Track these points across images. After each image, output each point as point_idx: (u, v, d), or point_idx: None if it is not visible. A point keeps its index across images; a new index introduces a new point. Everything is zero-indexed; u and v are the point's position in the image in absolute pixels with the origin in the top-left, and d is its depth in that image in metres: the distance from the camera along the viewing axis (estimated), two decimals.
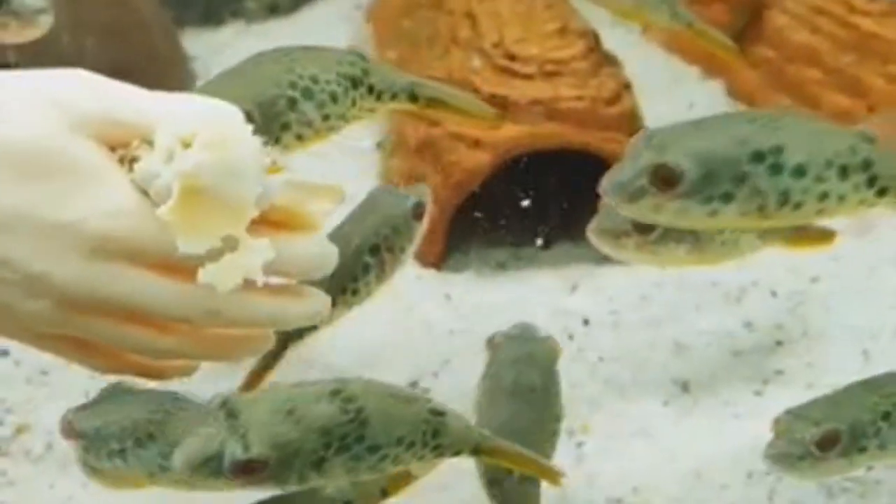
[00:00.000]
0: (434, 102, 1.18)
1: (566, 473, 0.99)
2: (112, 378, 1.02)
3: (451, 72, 1.50)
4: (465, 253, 1.46)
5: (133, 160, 0.81)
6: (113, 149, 0.82)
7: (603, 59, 1.47)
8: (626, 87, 1.46)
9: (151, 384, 1.00)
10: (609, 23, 1.76)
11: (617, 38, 1.62)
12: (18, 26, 1.03)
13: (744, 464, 1.14)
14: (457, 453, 0.96)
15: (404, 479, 1.03)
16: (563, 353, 1.12)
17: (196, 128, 0.79)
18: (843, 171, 0.89)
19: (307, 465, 0.86)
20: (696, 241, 1.05)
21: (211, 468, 0.85)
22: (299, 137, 1.08)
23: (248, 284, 0.85)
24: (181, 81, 1.84)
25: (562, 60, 1.43)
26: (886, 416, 0.96)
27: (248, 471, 0.85)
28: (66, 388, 1.21)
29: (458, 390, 1.23)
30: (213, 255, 0.77)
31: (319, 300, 0.96)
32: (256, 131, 1.00)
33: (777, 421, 0.96)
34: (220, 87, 1.04)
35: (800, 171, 0.87)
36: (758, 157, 0.86)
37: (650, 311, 1.34)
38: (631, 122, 1.45)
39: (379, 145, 1.66)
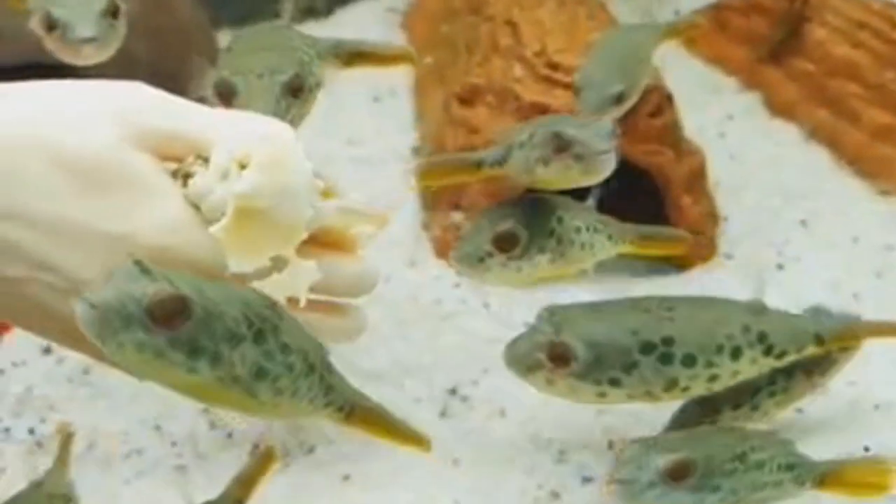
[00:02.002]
0: (355, 58, 1.17)
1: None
2: None
3: (492, 79, 1.50)
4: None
5: (187, 175, 0.82)
6: (167, 162, 0.83)
7: None
8: (668, 98, 1.46)
9: None
10: None
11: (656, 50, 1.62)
12: (67, 52, 1.02)
13: None
14: (339, 409, 0.85)
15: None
16: None
17: (252, 148, 0.81)
18: (737, 352, 0.96)
19: (226, 336, 0.72)
20: (557, 247, 1.06)
21: (125, 315, 0.69)
22: (314, 100, 1.08)
23: (292, 302, 0.87)
24: None
25: None
26: (742, 457, 0.92)
27: (169, 314, 0.69)
28: (108, 388, 1.22)
29: (498, 399, 1.24)
30: (262, 274, 0.78)
31: (359, 318, 0.98)
32: (301, 94, 1.01)
33: (623, 449, 0.92)
34: (251, 61, 1.03)
35: (689, 361, 0.94)
36: (648, 347, 0.93)
37: None
38: (673, 134, 1.45)
39: (416, 150, 1.66)
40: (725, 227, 1.49)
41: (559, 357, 0.91)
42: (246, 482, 1.02)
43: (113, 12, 1.02)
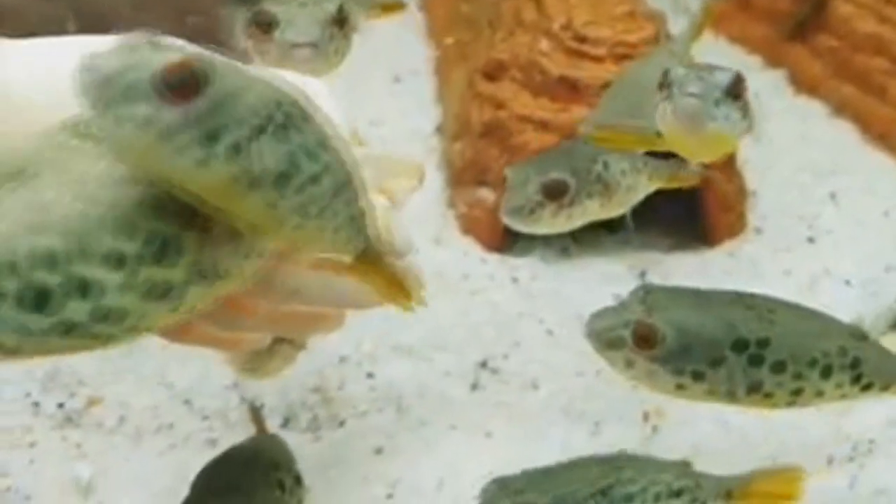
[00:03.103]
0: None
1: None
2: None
3: (517, 53, 1.49)
4: (528, 238, 1.45)
5: None
6: None
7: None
8: None
9: None
10: (670, 10, 1.75)
11: (679, 27, 1.61)
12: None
13: (824, 451, 1.12)
14: (357, 250, 0.71)
15: None
16: None
17: None
18: (827, 371, 0.91)
19: (247, 121, 0.58)
20: (605, 190, 1.04)
21: (129, 82, 0.55)
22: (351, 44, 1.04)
23: (329, 266, 0.85)
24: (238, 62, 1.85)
25: (632, 43, 1.41)
26: (605, 491, 0.86)
27: (181, 85, 0.56)
28: (137, 362, 1.21)
29: (528, 372, 1.22)
30: None
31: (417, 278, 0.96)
32: (346, 28, 0.98)
33: (483, 490, 0.86)
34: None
35: (779, 368, 0.89)
36: (741, 345, 0.87)
37: None
38: None
39: (438, 129, 1.65)
40: (755, 202, 1.47)
41: (645, 338, 0.86)
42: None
43: None
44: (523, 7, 1.56)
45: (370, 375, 1.21)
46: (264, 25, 0.97)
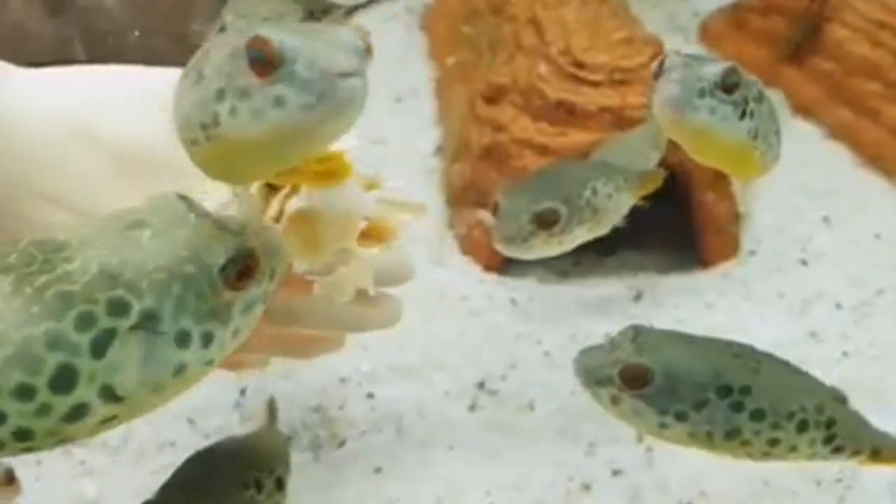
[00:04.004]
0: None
1: None
2: None
3: (517, 77, 1.51)
4: (526, 260, 1.47)
5: None
6: None
7: None
8: None
9: None
10: (668, 32, 1.78)
11: (675, 47, 1.63)
12: None
13: (812, 472, 1.15)
14: None
15: None
16: None
17: None
18: (803, 426, 0.94)
19: None
20: (594, 215, 1.06)
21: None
22: None
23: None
24: None
25: (630, 69, 1.44)
26: None
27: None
28: None
29: (526, 392, 1.25)
30: (328, 268, 0.80)
31: (395, 306, 0.99)
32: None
33: None
34: (256, 6, 1.02)
35: (758, 416, 0.92)
36: (725, 391, 0.90)
37: (715, 319, 1.34)
38: None
39: (439, 150, 1.67)
40: (749, 224, 1.50)
41: (633, 378, 0.88)
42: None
43: None
44: (523, 31, 1.58)
45: (370, 396, 1.23)
46: None
